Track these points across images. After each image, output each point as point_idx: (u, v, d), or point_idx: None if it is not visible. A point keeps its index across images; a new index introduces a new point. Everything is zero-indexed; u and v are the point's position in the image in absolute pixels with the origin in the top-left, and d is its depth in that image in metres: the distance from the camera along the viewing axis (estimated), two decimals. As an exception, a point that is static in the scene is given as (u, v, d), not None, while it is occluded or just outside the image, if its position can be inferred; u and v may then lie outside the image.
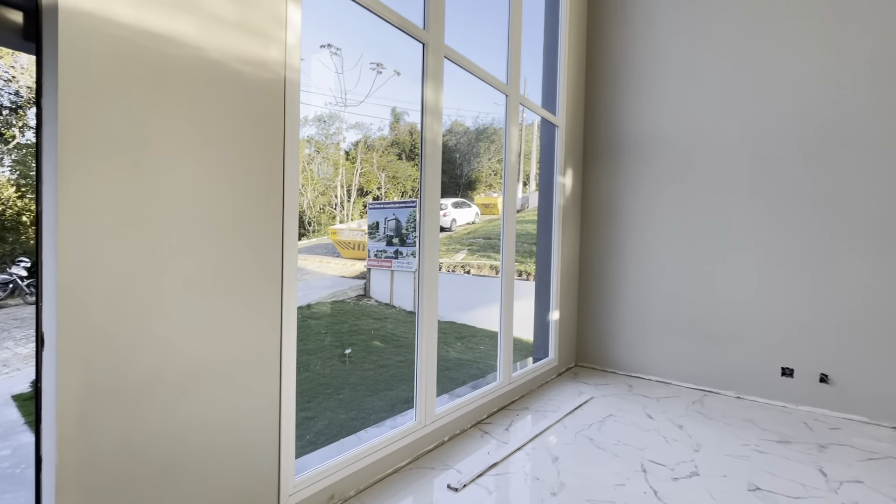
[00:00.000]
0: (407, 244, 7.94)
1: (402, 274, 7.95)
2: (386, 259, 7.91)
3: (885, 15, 2.87)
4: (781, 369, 3.20)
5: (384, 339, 5.34)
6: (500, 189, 3.31)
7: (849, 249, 2.98)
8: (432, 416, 2.40)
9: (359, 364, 4.52)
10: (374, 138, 16.84)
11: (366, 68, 13.83)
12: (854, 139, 2.96)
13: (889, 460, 2.38)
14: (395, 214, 8.36)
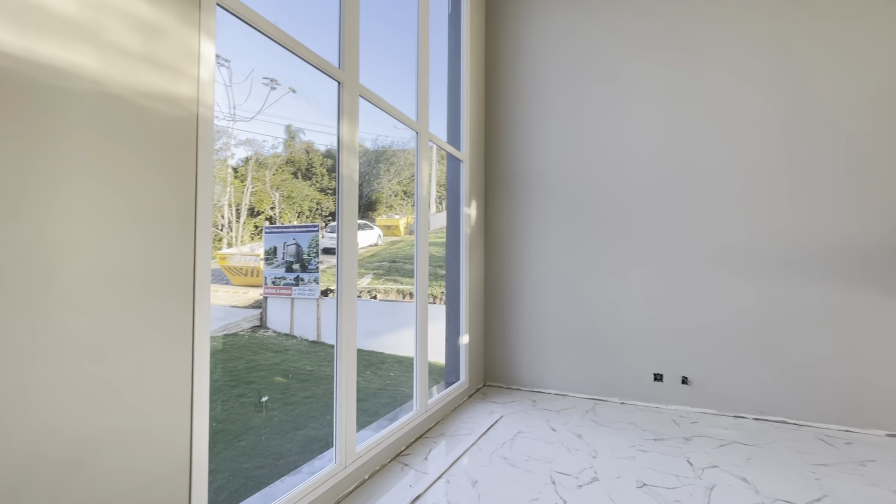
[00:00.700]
0: (309, 270, 7.62)
1: (303, 302, 7.57)
2: (285, 286, 7.48)
3: (717, 79, 3.65)
4: (654, 375, 3.75)
5: (287, 373, 5.02)
6: (402, 211, 3.40)
7: (701, 272, 3.65)
8: (353, 455, 2.34)
9: (260, 404, 4.18)
10: (267, 156, 15.94)
11: (257, 83, 13.11)
12: (697, 181, 3.67)
13: (734, 445, 2.93)
14: (294, 239, 7.98)
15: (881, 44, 3.23)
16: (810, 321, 3.33)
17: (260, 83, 13.47)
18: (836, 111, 3.31)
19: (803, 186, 3.38)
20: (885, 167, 3.19)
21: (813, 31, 3.39)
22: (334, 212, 16.77)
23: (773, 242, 3.45)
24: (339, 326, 2.32)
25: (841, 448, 2.89)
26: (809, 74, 3.39)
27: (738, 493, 2.31)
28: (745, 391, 3.48)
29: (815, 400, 3.30)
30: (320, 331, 7.81)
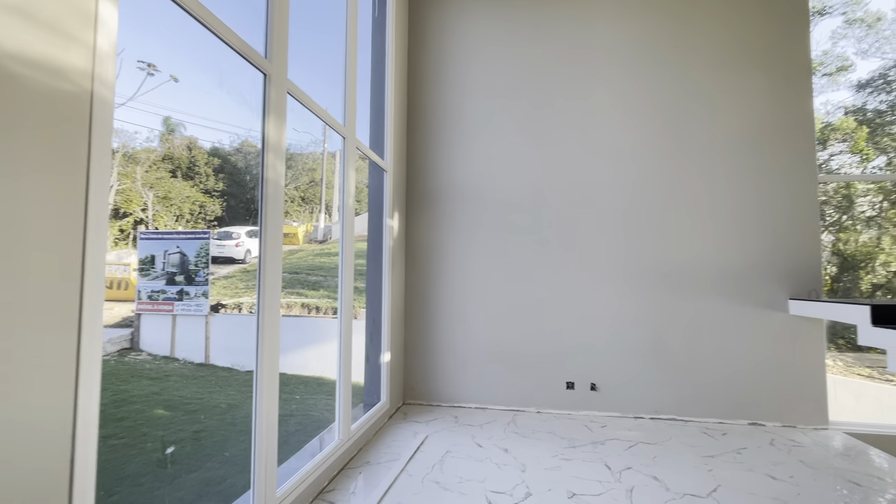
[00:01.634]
0: (196, 283, 6.70)
1: (188, 319, 6.62)
2: (166, 301, 6.48)
3: (619, 117, 4.04)
4: (566, 383, 3.96)
5: (170, 405, 4.28)
6: (300, 218, 3.19)
7: (607, 287, 3.97)
8: (273, 500, 2.03)
9: (135, 444, 3.48)
10: (139, 149, 13.88)
11: (129, 64, 11.42)
12: (602, 204, 4.00)
13: (640, 445, 3.20)
14: (179, 247, 6.99)
15: (737, 97, 3.89)
16: (692, 329, 3.82)
17: (134, 66, 11.74)
18: (707, 146, 3.88)
19: (688, 213, 3.89)
20: (752, 199, 3.82)
21: (681, 81, 3.95)
22: (221, 217, 15.46)
23: (664, 260, 3.90)
24: (261, 349, 2.01)
25: (720, 439, 3.33)
26: (688, 115, 3.93)
27: (652, 491, 2.50)
28: (642, 394, 3.85)
29: (697, 398, 3.77)
30: (209, 351, 6.88)
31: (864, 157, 6.82)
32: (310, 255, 11.75)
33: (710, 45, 3.94)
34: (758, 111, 3.85)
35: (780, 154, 3.80)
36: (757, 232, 3.79)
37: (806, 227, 3.73)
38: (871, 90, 7.52)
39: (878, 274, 6.71)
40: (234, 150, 19.47)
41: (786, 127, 3.80)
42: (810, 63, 3.83)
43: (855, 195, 7.01)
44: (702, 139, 3.90)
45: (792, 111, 3.81)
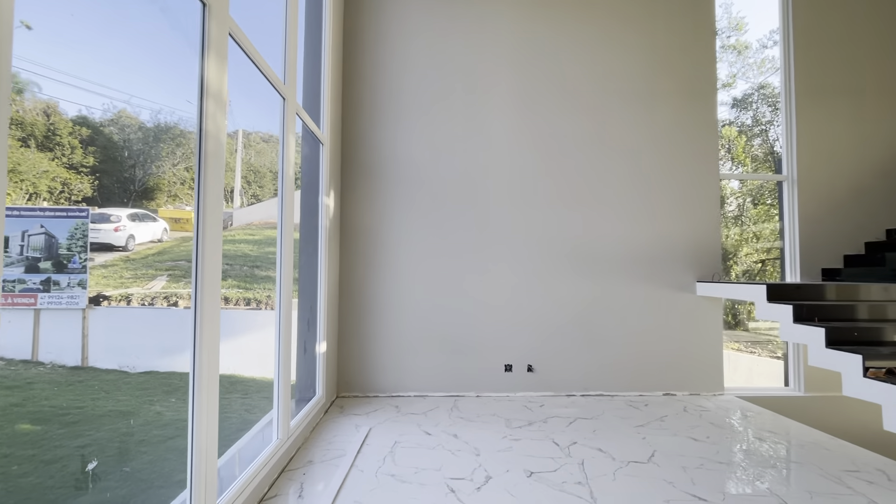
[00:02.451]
0: (68, 270, 5.58)
1: (57, 314, 5.49)
2: (26, 293, 5.30)
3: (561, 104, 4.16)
4: (505, 366, 4.02)
5: (39, 417, 3.47)
6: (190, 201, 2.85)
7: (541, 272, 4.08)
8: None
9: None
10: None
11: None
12: (539, 192, 4.11)
13: (579, 420, 3.35)
14: (43, 226, 5.75)
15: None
16: (616, 310, 4.11)
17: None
18: (632, 148, 4.19)
19: (614, 206, 4.16)
20: (666, 194, 4.20)
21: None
22: (92, 197, 13.27)
23: (593, 248, 4.13)
24: (199, 346, 1.67)
25: (643, 409, 3.63)
26: (616, 118, 4.20)
27: (601, 462, 2.62)
28: (573, 373, 4.05)
29: (620, 374, 4.08)
30: (87, 352, 5.77)
31: (742, 163, 7.97)
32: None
33: (632, 54, 4.24)
34: (670, 116, 4.24)
35: (689, 156, 4.23)
36: (671, 224, 4.19)
37: (710, 220, 4.22)
38: (744, 107, 8.80)
39: (742, 262, 7.96)
40: (108, 121, 17.02)
41: (693, 131, 4.24)
42: (715, 76, 4.31)
43: (725, 196, 8.22)
44: (627, 141, 4.19)
45: (699, 118, 4.25)
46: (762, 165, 8.69)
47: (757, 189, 8.38)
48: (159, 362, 5.41)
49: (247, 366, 5.47)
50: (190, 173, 14.46)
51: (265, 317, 5.28)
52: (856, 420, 4.01)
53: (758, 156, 8.77)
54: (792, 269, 4.32)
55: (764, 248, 5.51)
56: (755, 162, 8.59)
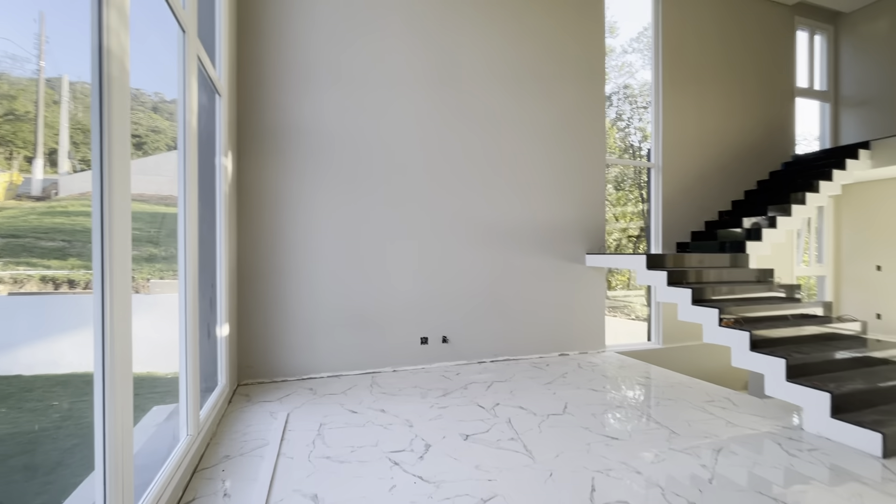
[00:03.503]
0: None
1: None
2: None
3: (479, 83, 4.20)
4: (421, 339, 4.04)
5: None
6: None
7: (454, 244, 4.16)
8: (129, 534, 1.41)
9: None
10: None
11: None
12: (449, 168, 4.15)
13: (496, 384, 3.55)
14: None
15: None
16: (520, 281, 4.41)
17: None
18: (536, 132, 4.48)
19: (519, 184, 4.41)
20: (561, 177, 4.58)
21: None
22: None
23: (499, 223, 4.34)
24: (109, 340, 1.32)
25: (546, 369, 4.01)
26: (523, 107, 4.43)
27: (525, 418, 2.82)
28: (484, 340, 4.26)
29: (524, 339, 4.42)
30: None
31: (612, 151, 9.05)
32: (32, 215, 8.38)
33: (531, 45, 4.49)
34: (567, 106, 4.62)
35: (581, 143, 4.67)
36: (565, 203, 4.61)
37: (596, 200, 4.75)
38: (609, 104, 9.97)
39: (610, 237, 9.22)
40: None
41: (585, 121, 4.69)
42: (604, 71, 4.80)
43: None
44: (530, 127, 4.46)
45: (590, 110, 4.71)
46: (623, 155, 10.02)
47: (620, 175, 9.66)
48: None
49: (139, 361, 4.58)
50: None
51: (144, 301, 4.51)
52: (702, 363, 5.01)
53: (621, 146, 10.10)
54: (656, 243, 5.13)
55: (622, 227, 6.40)
56: (619, 151, 9.87)
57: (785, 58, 5.92)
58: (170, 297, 2.38)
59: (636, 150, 10.04)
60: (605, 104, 4.79)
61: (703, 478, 2.10)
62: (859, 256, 6.09)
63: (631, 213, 9.84)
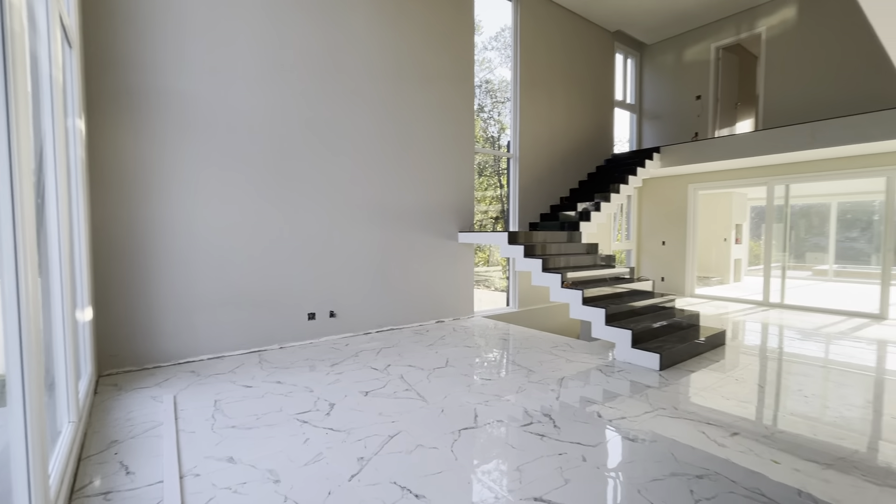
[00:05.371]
0: None
1: None
2: None
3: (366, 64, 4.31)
4: (308, 314, 4.12)
5: None
6: None
7: (343, 223, 4.30)
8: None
9: None
10: None
11: None
12: (337, 144, 4.26)
13: (384, 350, 3.88)
14: None
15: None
16: (401, 256, 4.78)
17: None
18: (417, 119, 4.83)
19: (402, 165, 4.73)
20: (438, 161, 5.03)
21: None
22: None
23: (385, 201, 4.62)
24: (25, 333, 1.26)
25: (427, 334, 4.48)
26: (406, 94, 4.73)
27: (415, 373, 3.22)
28: (370, 313, 4.54)
29: (405, 309, 4.82)
30: None
31: (477, 140, 9.88)
32: None
33: (411, 38, 4.81)
34: (442, 97, 5.08)
35: (454, 131, 5.19)
36: (441, 185, 5.09)
37: (467, 184, 5.35)
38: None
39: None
40: None
41: (457, 111, 5.21)
42: (473, 67, 5.36)
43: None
44: (411, 114, 4.79)
45: (461, 101, 5.24)
46: (485, 144, 11.04)
47: (482, 163, 10.64)
48: None
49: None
50: None
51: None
52: (548, 320, 6.08)
53: (483, 136, 11.07)
54: (514, 223, 6.00)
55: (483, 209, 7.25)
56: (482, 141, 10.82)
57: (607, 74, 7.33)
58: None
59: (495, 140, 11.16)
60: (474, 95, 5.37)
61: (552, 398, 2.78)
62: (652, 235, 8.00)
63: (490, 197, 10.98)
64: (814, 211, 10.23)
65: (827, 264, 10.26)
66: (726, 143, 6.16)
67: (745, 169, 6.68)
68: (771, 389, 3.03)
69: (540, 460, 2.01)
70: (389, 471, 1.91)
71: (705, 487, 1.81)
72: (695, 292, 7.53)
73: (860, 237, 10.02)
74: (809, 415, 2.60)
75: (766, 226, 6.84)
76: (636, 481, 1.85)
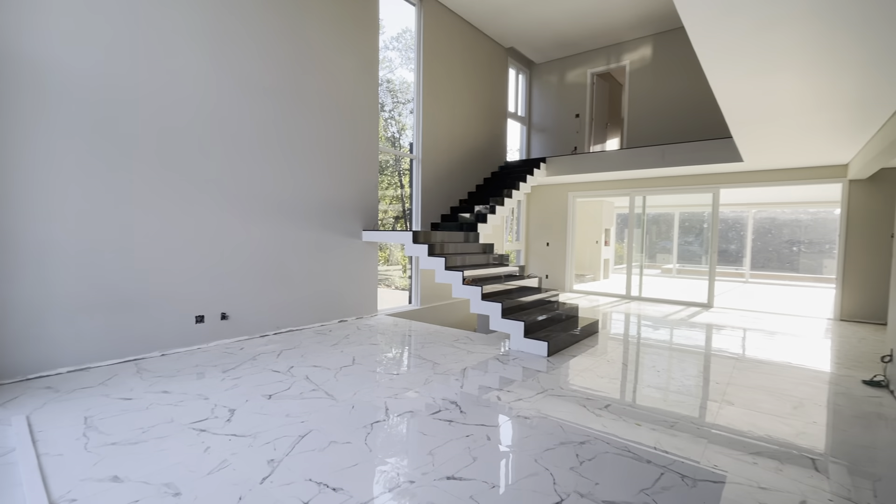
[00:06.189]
0: None
1: None
2: None
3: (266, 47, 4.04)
4: (196, 317, 3.77)
5: None
6: None
7: (238, 219, 4.00)
8: None
9: None
10: None
11: None
12: (229, 133, 3.96)
13: (285, 352, 3.72)
14: None
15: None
16: (301, 254, 4.62)
17: None
18: (320, 115, 4.70)
19: (303, 159, 4.56)
20: (341, 159, 4.96)
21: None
22: None
23: (286, 197, 4.42)
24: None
25: (330, 334, 4.40)
26: (306, 89, 4.57)
27: (321, 373, 3.17)
28: (266, 314, 4.30)
29: (306, 309, 4.66)
30: None
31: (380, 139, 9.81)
32: None
33: (311, 40, 4.69)
34: (348, 96, 5.02)
35: (358, 130, 5.16)
36: (345, 183, 5.03)
37: (371, 182, 5.35)
38: (374, 93, 10.73)
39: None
40: None
41: (362, 110, 5.20)
42: (377, 67, 5.38)
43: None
44: (313, 109, 4.65)
45: (366, 101, 5.24)
46: (386, 143, 11.05)
47: (384, 163, 10.64)
48: None
49: None
50: None
51: None
52: (450, 316, 6.34)
53: (384, 135, 11.07)
54: (417, 223, 6.15)
55: (384, 207, 7.32)
56: (384, 140, 10.81)
57: (502, 86, 7.90)
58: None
59: (396, 140, 11.25)
60: (378, 94, 5.40)
61: (457, 387, 2.97)
62: (538, 236, 8.82)
63: (391, 197, 11.04)
64: (662, 219, 12.22)
65: (672, 263, 12.34)
66: (598, 157, 7.08)
67: (613, 181, 7.74)
68: (632, 367, 3.62)
69: (449, 443, 2.16)
70: (303, 469, 1.89)
71: (587, 450, 2.13)
72: (573, 288, 8.50)
73: (695, 241, 12.23)
74: (660, 385, 3.17)
75: (628, 231, 8.01)
76: (532, 452, 2.10)
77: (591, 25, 7.06)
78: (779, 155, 5.30)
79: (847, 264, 5.88)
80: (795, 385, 3.21)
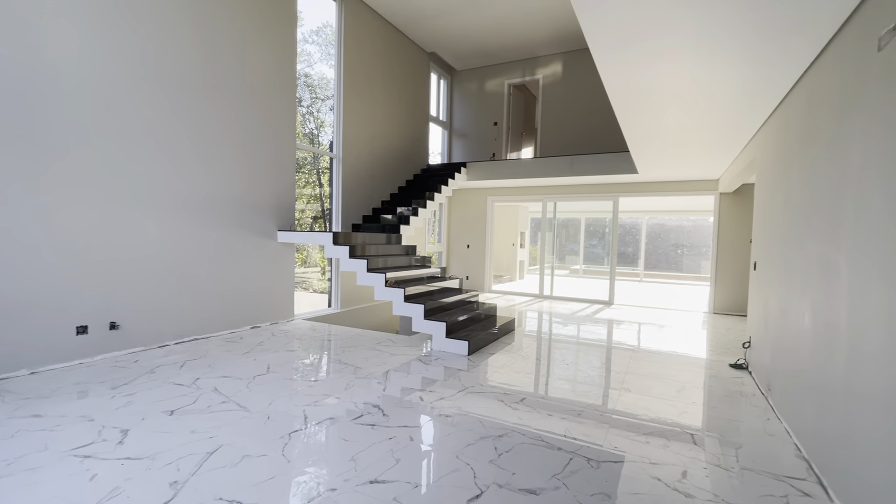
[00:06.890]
0: None
1: None
2: None
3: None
4: (77, 328, 3.30)
5: None
6: None
7: (130, 216, 3.58)
8: None
9: None
10: None
11: None
12: (125, 121, 3.54)
13: (188, 363, 3.40)
14: None
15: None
16: (208, 256, 4.26)
17: None
18: (243, 103, 4.38)
19: (213, 154, 4.22)
20: (255, 157, 4.66)
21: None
22: None
23: (190, 192, 4.04)
24: None
25: (241, 342, 4.11)
26: (222, 81, 4.24)
27: (231, 384, 2.95)
28: (167, 321, 3.90)
29: (213, 315, 4.30)
30: None
31: (297, 137, 9.33)
32: None
33: (226, 38, 4.38)
34: (262, 84, 4.74)
35: (274, 127, 4.90)
36: (259, 182, 4.74)
37: (288, 181, 5.10)
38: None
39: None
40: None
41: (278, 108, 4.94)
42: (295, 65, 5.16)
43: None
44: (225, 105, 4.32)
45: (283, 98, 4.99)
46: (304, 140, 10.56)
47: (301, 161, 10.14)
48: None
49: None
50: None
51: None
52: (371, 319, 6.23)
53: (302, 132, 10.56)
54: (337, 223, 5.98)
55: (301, 206, 7.07)
56: (301, 136, 10.31)
57: (424, 90, 7.98)
58: None
59: (314, 137, 10.82)
60: (296, 88, 5.17)
61: (380, 391, 2.95)
62: (459, 239, 9.05)
63: (309, 196, 10.58)
64: (571, 223, 13.20)
65: (579, 265, 13.37)
66: (515, 164, 7.46)
67: (528, 187, 8.20)
68: (545, 361, 3.87)
69: (372, 447, 2.14)
70: (213, 488, 1.76)
71: (505, 443, 2.24)
72: (492, 288, 8.84)
73: (598, 244, 13.38)
74: (569, 377, 3.43)
75: (540, 234, 8.53)
76: (454, 449, 2.16)
77: (509, 38, 7.43)
78: (666, 168, 6.01)
79: (718, 265, 6.85)
80: (679, 371, 3.67)
